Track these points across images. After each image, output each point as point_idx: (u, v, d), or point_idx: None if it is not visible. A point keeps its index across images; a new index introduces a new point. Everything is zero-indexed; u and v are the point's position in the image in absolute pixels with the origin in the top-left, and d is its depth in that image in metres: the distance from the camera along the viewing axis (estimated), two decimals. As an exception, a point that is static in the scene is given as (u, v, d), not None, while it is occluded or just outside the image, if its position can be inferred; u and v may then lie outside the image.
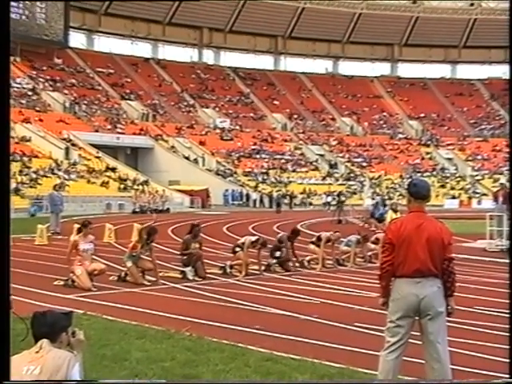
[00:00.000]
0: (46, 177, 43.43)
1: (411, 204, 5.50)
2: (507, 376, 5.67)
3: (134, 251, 11.82)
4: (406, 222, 5.44)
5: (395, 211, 18.60)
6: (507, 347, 6.69)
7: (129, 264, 11.79)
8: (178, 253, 15.07)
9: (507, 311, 8.65)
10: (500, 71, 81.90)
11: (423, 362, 6.63)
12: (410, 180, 6.22)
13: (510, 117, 35.47)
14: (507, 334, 7.45)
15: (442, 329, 5.39)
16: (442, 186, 65.30)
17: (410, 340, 7.43)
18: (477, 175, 67.69)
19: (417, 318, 5.41)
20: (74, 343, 3.90)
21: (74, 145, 51.60)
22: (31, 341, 3.84)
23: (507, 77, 79.89)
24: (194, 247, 12.63)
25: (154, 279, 11.83)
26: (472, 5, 77.37)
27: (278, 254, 13.77)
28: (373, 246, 15.72)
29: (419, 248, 5.26)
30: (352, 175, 64.78)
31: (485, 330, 8.09)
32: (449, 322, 8.39)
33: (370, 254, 15.57)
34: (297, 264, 14.03)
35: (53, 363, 3.62)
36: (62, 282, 11.36)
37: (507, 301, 9.54)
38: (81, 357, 3.84)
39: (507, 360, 6.23)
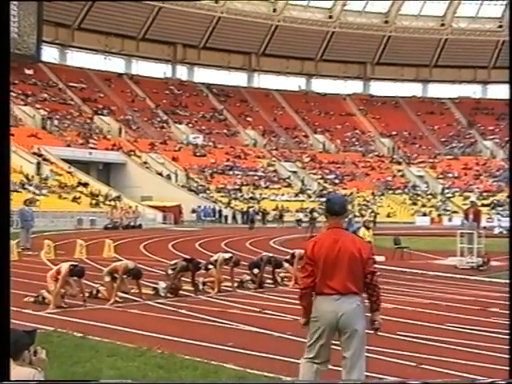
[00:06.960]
0: (17, 191, 42.90)
1: (329, 221, 5.47)
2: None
3: (115, 273, 11.68)
4: (322, 239, 5.38)
5: (367, 228, 18.71)
6: (477, 364, 6.77)
7: (107, 279, 11.72)
8: (156, 269, 14.99)
9: (478, 328, 8.75)
10: (470, 91, 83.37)
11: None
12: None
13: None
14: (477, 351, 7.53)
15: (359, 348, 5.20)
16: (414, 204, 65.90)
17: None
18: (447, 193, 68.46)
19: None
20: (36, 362, 3.84)
21: (45, 160, 51.15)
22: None
23: (476, 96, 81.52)
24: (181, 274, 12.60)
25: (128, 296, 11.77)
26: (443, 25, 78.63)
27: (256, 271, 13.77)
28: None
29: (336, 265, 5.17)
30: (324, 192, 65.03)
31: (455, 347, 8.15)
32: (420, 338, 8.49)
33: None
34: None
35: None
36: (32, 299, 11.24)
37: (477, 318, 9.66)
38: (43, 375, 3.79)
39: (478, 377, 6.29)
